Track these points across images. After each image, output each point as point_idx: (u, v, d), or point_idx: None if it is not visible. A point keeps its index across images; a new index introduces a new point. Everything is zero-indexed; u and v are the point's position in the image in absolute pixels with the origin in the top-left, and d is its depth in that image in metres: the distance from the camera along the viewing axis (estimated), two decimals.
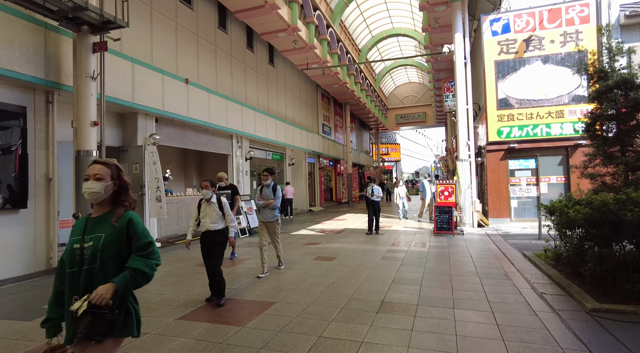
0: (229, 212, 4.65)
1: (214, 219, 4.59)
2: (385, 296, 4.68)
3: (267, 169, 5.99)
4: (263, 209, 5.93)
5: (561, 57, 11.09)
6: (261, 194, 5.99)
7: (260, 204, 5.92)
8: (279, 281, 5.49)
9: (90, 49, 6.66)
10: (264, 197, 5.94)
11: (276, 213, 5.93)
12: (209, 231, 4.59)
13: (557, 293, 4.72)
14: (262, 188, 6.05)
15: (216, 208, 4.64)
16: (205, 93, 11.06)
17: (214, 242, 4.61)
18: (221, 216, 4.65)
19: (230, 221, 4.65)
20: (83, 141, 6.64)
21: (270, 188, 5.97)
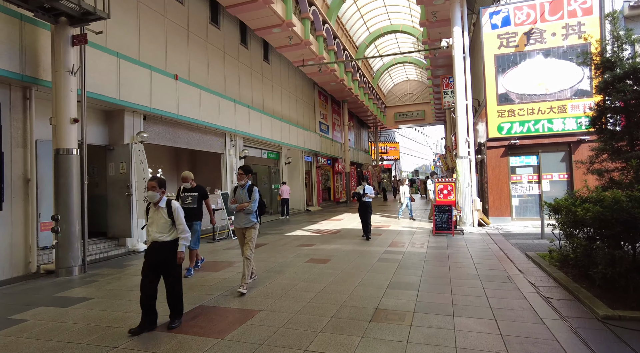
0: (181, 220, 3.82)
1: (162, 228, 3.77)
2: (379, 302, 4.35)
3: (242, 167, 5.20)
4: (237, 213, 5.11)
5: (563, 50, 10.75)
6: (234, 196, 5.15)
7: (232, 208, 5.10)
8: (267, 286, 5.15)
9: (69, 41, 6.32)
10: (238, 199, 5.12)
11: (252, 218, 5.09)
12: (156, 243, 3.76)
13: (564, 297, 4.38)
14: (236, 189, 5.22)
15: (165, 214, 3.78)
16: (197, 90, 10.71)
17: (166, 256, 3.76)
18: (172, 225, 3.80)
19: (181, 232, 3.81)
20: (62, 139, 6.31)
21: (245, 189, 5.14)
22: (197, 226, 6.15)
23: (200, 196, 6.24)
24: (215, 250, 8.31)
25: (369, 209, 9.32)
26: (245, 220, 5.08)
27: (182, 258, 3.77)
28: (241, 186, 5.18)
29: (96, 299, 4.77)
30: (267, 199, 17.73)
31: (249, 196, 5.09)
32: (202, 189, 6.30)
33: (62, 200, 6.27)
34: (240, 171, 5.15)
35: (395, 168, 47.69)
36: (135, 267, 6.73)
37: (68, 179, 6.32)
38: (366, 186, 9.34)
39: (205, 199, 6.29)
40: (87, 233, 6.65)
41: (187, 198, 6.15)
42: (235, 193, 5.18)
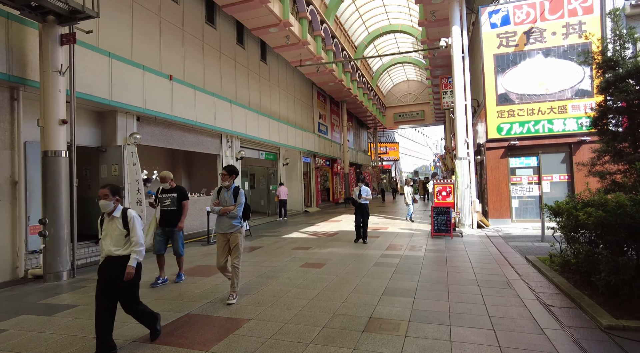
0: (137, 232, 3.34)
1: (117, 240, 3.32)
2: (374, 310, 4.19)
3: (226, 168, 4.79)
4: (220, 217, 4.71)
5: (564, 49, 10.60)
6: (217, 198, 4.77)
7: (215, 211, 4.67)
8: (259, 293, 4.99)
9: (57, 41, 6.17)
10: (222, 202, 4.73)
11: (235, 222, 4.70)
12: (110, 258, 3.32)
13: (565, 305, 4.22)
14: (220, 191, 4.81)
15: (120, 225, 3.33)
16: (192, 90, 10.56)
17: (118, 274, 3.28)
18: (126, 238, 3.36)
19: (135, 245, 3.32)
20: (51, 141, 6.15)
21: (230, 191, 4.75)
22: (180, 232, 5.75)
23: (180, 197, 5.77)
24: (210, 253, 8.15)
25: (365, 212, 8.89)
26: (229, 225, 4.70)
27: (132, 274, 3.29)
28: (226, 188, 4.79)
29: (82, 306, 4.61)
30: (264, 201, 17.58)
31: (234, 199, 4.72)
32: (182, 190, 5.85)
33: (50, 203, 6.12)
34: (224, 172, 4.77)
35: (395, 168, 47.53)
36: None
37: (56, 182, 6.17)
38: (362, 188, 8.91)
39: (185, 201, 5.81)
40: (76, 237, 6.50)
41: (166, 200, 5.68)
42: (218, 195, 4.79)
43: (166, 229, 5.66)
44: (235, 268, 4.69)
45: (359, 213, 8.88)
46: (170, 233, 5.69)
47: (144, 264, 4.74)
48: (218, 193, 4.81)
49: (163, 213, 5.66)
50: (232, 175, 4.78)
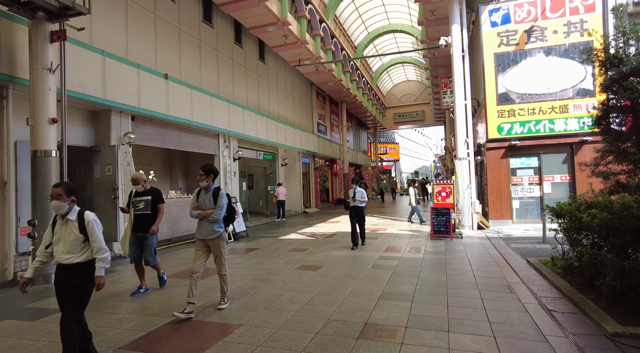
0: (98, 236, 2.94)
1: (71, 246, 2.89)
2: (370, 316, 4.04)
3: (203, 167, 4.39)
4: (200, 222, 4.36)
5: (565, 48, 10.45)
6: (197, 201, 4.42)
7: (194, 215, 4.34)
8: (252, 296, 4.84)
9: (47, 38, 6.02)
10: (201, 205, 4.35)
11: (217, 227, 4.33)
12: (62, 266, 2.90)
13: (569, 310, 4.07)
14: (199, 193, 4.45)
15: (75, 229, 2.91)
16: (188, 89, 10.42)
17: (76, 283, 2.87)
18: (83, 243, 2.93)
19: (97, 251, 2.92)
20: (40, 140, 6.01)
21: (210, 193, 4.36)
22: (153, 240, 5.25)
23: (155, 200, 5.29)
24: None
25: (361, 216, 8.17)
26: (209, 231, 4.32)
27: (102, 284, 2.95)
28: (205, 190, 4.40)
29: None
30: (262, 201, 17.42)
31: (214, 201, 4.33)
32: (157, 193, 5.36)
33: (40, 204, 5.97)
34: (200, 172, 4.35)
35: (395, 169, 47.38)
36: (118, 274, 6.42)
37: (46, 182, 6.01)
38: (357, 190, 8.10)
39: (160, 204, 5.35)
40: None
41: (140, 203, 5.23)
42: (198, 198, 4.43)
43: (139, 235, 5.18)
44: (223, 276, 4.47)
45: (354, 217, 8.12)
46: (143, 239, 5.19)
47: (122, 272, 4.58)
48: (197, 196, 4.46)
49: (136, 218, 5.20)
50: (209, 175, 4.38)
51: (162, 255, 8.04)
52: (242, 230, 10.46)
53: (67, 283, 2.88)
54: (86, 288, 2.93)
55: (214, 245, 4.39)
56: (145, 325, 3.94)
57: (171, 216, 10.14)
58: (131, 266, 6.87)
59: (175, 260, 7.56)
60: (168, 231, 10.04)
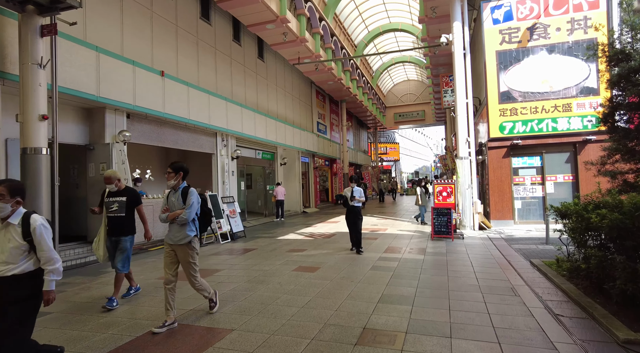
0: (46, 244, 2.55)
1: (12, 255, 2.49)
2: (368, 320, 3.87)
3: (172, 165, 3.94)
4: (170, 225, 3.91)
5: (568, 46, 10.27)
6: (167, 203, 3.96)
7: (163, 219, 3.89)
8: (246, 299, 4.67)
9: (37, 32, 5.87)
10: (170, 207, 3.90)
11: (188, 231, 3.85)
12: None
13: (576, 315, 3.90)
14: (169, 194, 4.00)
15: (18, 235, 2.52)
16: (185, 87, 10.25)
17: (10, 299, 2.47)
18: (27, 252, 2.54)
19: (46, 261, 2.56)
20: (30, 138, 5.85)
21: (178, 192, 3.91)
22: (127, 244, 4.73)
23: (131, 202, 4.75)
24: (200, 256, 7.80)
25: (358, 217, 7.71)
26: (178, 234, 3.84)
27: (52, 299, 2.63)
28: (173, 189, 3.95)
29: (55, 315, 4.29)
30: (261, 201, 17.25)
31: (184, 201, 3.87)
32: (133, 193, 4.85)
33: (29, 203, 5.78)
34: (168, 169, 3.92)
35: (395, 168, 47.20)
36: (110, 275, 6.24)
37: (36, 181, 5.86)
38: (355, 188, 7.67)
39: (138, 206, 4.82)
40: (57, 239, 6.19)
41: (113, 205, 4.68)
42: (167, 199, 3.98)
43: (112, 239, 4.69)
44: (198, 290, 4.07)
45: (351, 218, 7.69)
46: (117, 243, 4.70)
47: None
48: (167, 198, 3.99)
49: (110, 221, 4.68)
50: (179, 173, 3.92)
51: (156, 256, 7.88)
52: (239, 229, 10.29)
53: (2, 300, 2.43)
54: (28, 304, 2.50)
55: (182, 252, 3.88)
56: (133, 329, 3.77)
57: None
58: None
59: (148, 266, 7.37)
60: (164, 231, 9.85)
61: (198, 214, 3.98)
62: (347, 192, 7.71)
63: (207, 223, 4.17)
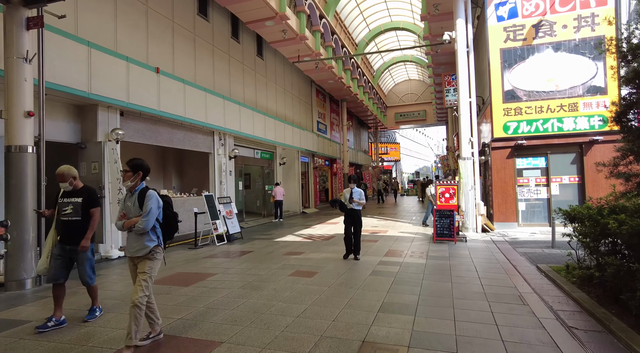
0: None
1: None
2: (368, 332, 3.60)
3: (129, 162, 3.39)
4: (128, 234, 3.36)
5: (575, 43, 9.99)
6: (124, 208, 3.42)
7: (119, 227, 3.36)
8: (238, 308, 4.40)
9: (23, 25, 5.61)
10: (127, 212, 3.36)
11: (147, 241, 3.29)
12: None
13: (591, 328, 3.63)
14: (125, 197, 3.47)
15: None
16: (181, 84, 9.99)
17: None
18: None
19: None
20: (15, 135, 5.59)
21: (135, 195, 3.34)
22: (87, 253, 4.02)
23: (88, 203, 4.01)
24: (194, 258, 7.57)
25: (358, 220, 7.04)
26: (136, 245, 3.29)
27: None
28: (129, 192, 3.40)
29: (35, 323, 4.03)
30: (260, 202, 16.99)
31: (140, 207, 3.29)
32: (90, 193, 4.09)
33: (14, 204, 5.54)
34: (125, 168, 3.37)
35: (395, 169, 46.94)
36: (101, 278, 5.97)
37: (21, 180, 5.60)
38: (354, 190, 7.00)
39: (93, 209, 4.04)
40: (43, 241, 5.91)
41: (67, 207, 3.97)
42: (124, 204, 3.43)
43: (67, 247, 3.98)
44: (135, 307, 3.11)
45: (350, 222, 7.03)
46: (73, 254, 3.99)
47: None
48: (124, 202, 3.45)
49: (63, 226, 3.99)
50: (137, 172, 3.36)
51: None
52: (236, 231, 10.03)
53: None
54: None
55: (141, 263, 3.30)
56: (116, 341, 3.51)
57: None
58: (116, 273, 6.47)
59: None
60: None
61: (160, 220, 3.39)
62: (345, 193, 7.09)
63: (172, 230, 3.52)
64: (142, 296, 3.17)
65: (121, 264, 7.20)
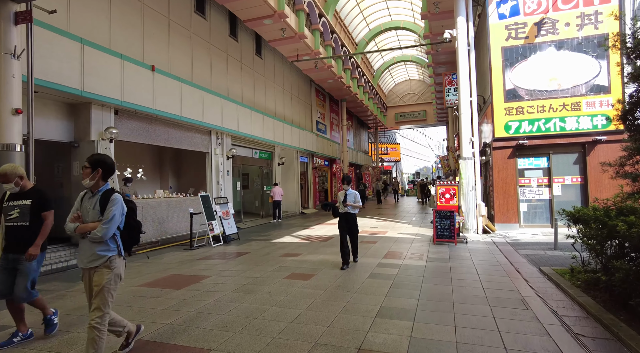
0: None
1: None
2: (364, 338, 3.44)
3: (89, 158, 2.93)
4: (81, 241, 2.88)
5: (578, 42, 9.82)
6: (79, 209, 2.92)
7: (70, 230, 2.83)
8: (230, 312, 4.24)
9: (11, 19, 5.46)
10: (83, 214, 2.88)
11: (102, 250, 2.82)
12: None
13: (599, 335, 3.46)
14: (83, 196, 2.98)
15: None
16: (177, 83, 9.83)
17: None
18: None
19: None
20: (2, 133, 5.45)
21: (97, 197, 2.87)
22: (33, 264, 3.50)
23: (38, 206, 3.53)
24: (188, 260, 7.41)
25: (353, 225, 6.43)
26: (91, 255, 2.83)
27: None
28: (91, 192, 2.92)
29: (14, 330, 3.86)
30: (258, 202, 16.83)
31: (102, 211, 2.83)
32: (40, 195, 3.60)
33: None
34: (85, 164, 2.89)
35: (395, 169, 46.77)
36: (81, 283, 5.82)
37: None
38: (348, 192, 6.37)
39: (44, 212, 3.57)
40: None
41: (12, 211, 3.48)
42: (81, 204, 2.93)
43: (10, 256, 3.47)
44: (93, 329, 2.70)
45: (345, 226, 6.38)
46: (16, 263, 3.47)
47: None
48: (81, 201, 2.96)
49: (8, 232, 3.49)
50: (97, 169, 2.87)
51: (143, 260, 7.45)
52: (233, 232, 9.87)
53: None
54: None
55: (98, 275, 2.81)
56: None
57: (158, 217, 9.54)
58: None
59: (157, 265, 6.96)
60: (154, 233, 9.45)
61: (121, 227, 2.96)
62: (340, 196, 6.48)
63: (132, 241, 3.08)
64: (100, 315, 2.73)
65: None
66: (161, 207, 9.72)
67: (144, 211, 9.24)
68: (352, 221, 6.44)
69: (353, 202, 6.34)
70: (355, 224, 6.49)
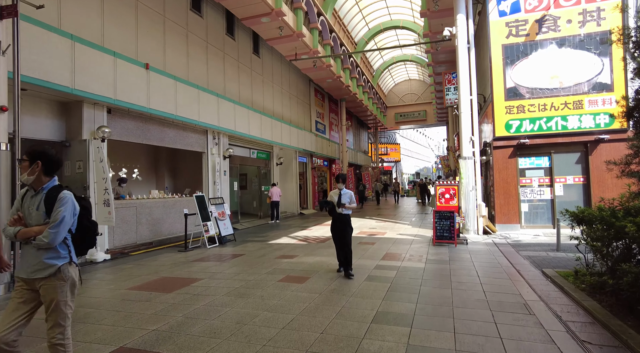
0: None
1: None
2: (359, 346, 3.26)
3: (28, 149, 2.47)
4: (23, 247, 2.43)
5: (580, 39, 9.65)
6: (21, 209, 2.46)
7: (9, 234, 2.38)
8: (220, 317, 4.06)
9: None
10: (26, 216, 2.43)
11: (50, 258, 2.39)
12: None
13: (606, 342, 3.29)
14: (24, 194, 2.50)
15: None
16: (172, 81, 9.66)
17: None
18: None
19: None
20: None
21: (41, 196, 2.43)
22: None
23: None
24: (182, 262, 7.23)
25: (348, 227, 5.88)
26: (37, 263, 2.38)
27: None
28: (33, 190, 2.46)
29: None
30: (256, 202, 16.64)
31: (48, 212, 2.39)
32: None
33: None
34: (24, 157, 2.44)
35: (395, 169, 46.58)
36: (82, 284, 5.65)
37: None
38: (343, 191, 5.88)
39: None
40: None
41: None
42: (22, 204, 2.47)
43: None
44: (56, 346, 2.38)
45: (338, 228, 5.90)
46: None
47: None
48: (22, 200, 2.49)
49: None
50: (36, 161, 2.41)
51: (136, 261, 7.28)
52: (229, 233, 9.69)
53: None
54: None
55: (47, 288, 2.38)
56: None
57: (152, 218, 9.38)
58: (97, 277, 6.12)
59: (149, 267, 6.79)
60: (149, 234, 9.28)
61: (73, 230, 2.52)
62: (333, 196, 5.93)
63: (86, 245, 2.66)
64: (61, 331, 2.40)
65: (106, 267, 6.86)
66: (156, 208, 9.55)
67: (138, 211, 9.07)
68: (347, 222, 5.89)
69: (349, 203, 5.85)
70: (349, 226, 5.91)
